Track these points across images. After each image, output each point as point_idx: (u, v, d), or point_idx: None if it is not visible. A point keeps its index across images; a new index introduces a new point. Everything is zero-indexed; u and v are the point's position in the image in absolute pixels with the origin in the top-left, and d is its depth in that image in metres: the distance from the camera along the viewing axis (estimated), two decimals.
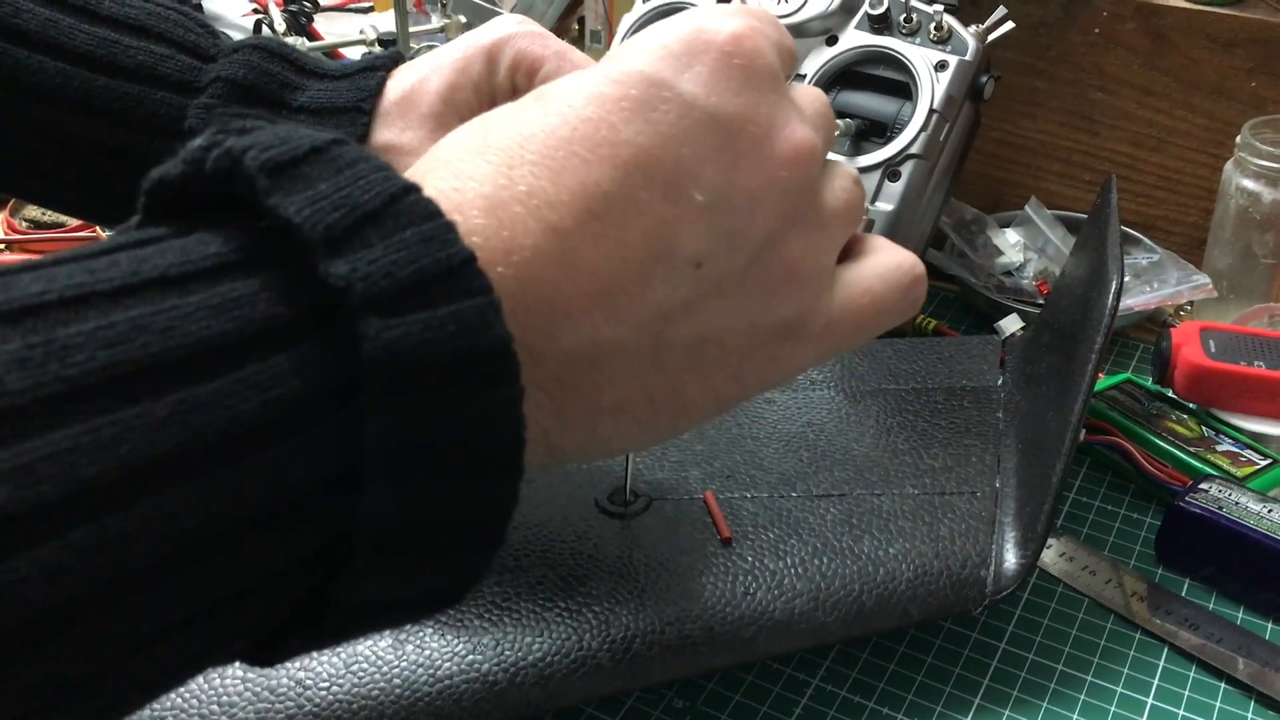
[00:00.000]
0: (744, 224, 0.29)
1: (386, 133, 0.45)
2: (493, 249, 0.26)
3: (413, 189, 0.24)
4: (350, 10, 1.14)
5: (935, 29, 0.68)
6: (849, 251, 0.33)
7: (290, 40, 0.88)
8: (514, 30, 0.47)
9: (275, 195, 0.23)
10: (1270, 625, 0.52)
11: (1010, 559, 0.49)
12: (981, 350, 0.64)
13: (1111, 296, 0.52)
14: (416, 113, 0.45)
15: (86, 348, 0.21)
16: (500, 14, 0.97)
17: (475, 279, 0.24)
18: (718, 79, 0.29)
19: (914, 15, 0.68)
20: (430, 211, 0.24)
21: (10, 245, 0.82)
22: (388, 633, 0.45)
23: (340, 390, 0.23)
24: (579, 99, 0.28)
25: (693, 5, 0.73)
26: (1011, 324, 0.70)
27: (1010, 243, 0.76)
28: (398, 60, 0.48)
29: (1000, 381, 0.62)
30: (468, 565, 0.26)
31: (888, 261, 0.33)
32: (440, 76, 0.46)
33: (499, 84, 0.46)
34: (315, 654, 0.43)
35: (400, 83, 0.46)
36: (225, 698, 0.42)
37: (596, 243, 0.27)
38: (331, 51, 1.01)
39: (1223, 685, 0.49)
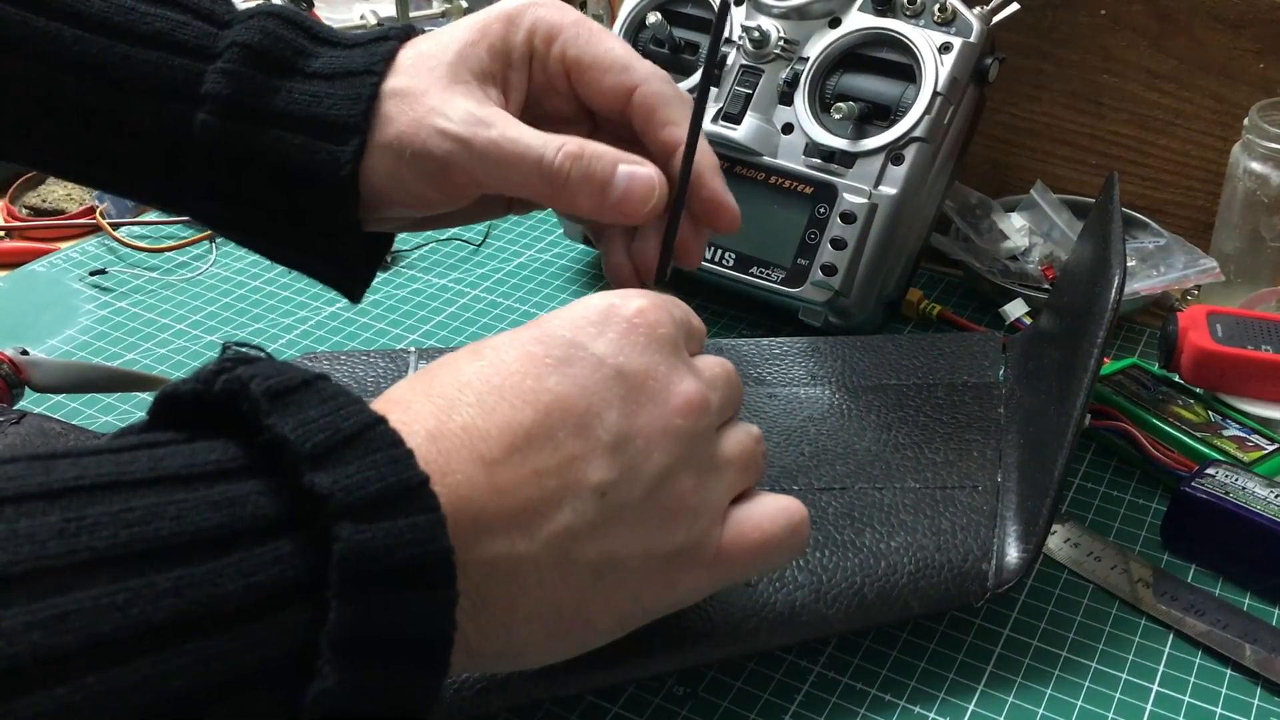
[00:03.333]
0: (642, 460, 0.34)
1: (398, 80, 0.46)
2: (430, 470, 0.30)
3: (382, 420, 0.30)
4: None
5: (939, 11, 0.67)
6: (743, 497, 0.38)
7: None
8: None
9: (273, 416, 0.28)
10: (1277, 611, 0.52)
11: (1012, 553, 0.49)
12: (982, 346, 0.64)
13: (1114, 292, 0.51)
14: (428, 65, 0.46)
15: (111, 526, 0.25)
16: None
17: (429, 498, 0.29)
18: (624, 342, 0.35)
19: None
20: (396, 440, 0.29)
21: (10, 232, 0.81)
22: None
23: (306, 581, 0.27)
24: (509, 355, 0.34)
25: None
26: (1016, 309, 0.70)
27: (1015, 227, 0.75)
28: (410, 31, 0.48)
29: (1001, 377, 0.61)
30: None
31: (776, 504, 0.38)
32: (455, 36, 0.47)
33: (516, 45, 0.47)
34: None
35: (416, 47, 0.47)
36: None
37: (517, 471, 0.32)
38: None
39: (1229, 672, 0.48)
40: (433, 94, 0.45)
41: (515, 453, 0.32)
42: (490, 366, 0.34)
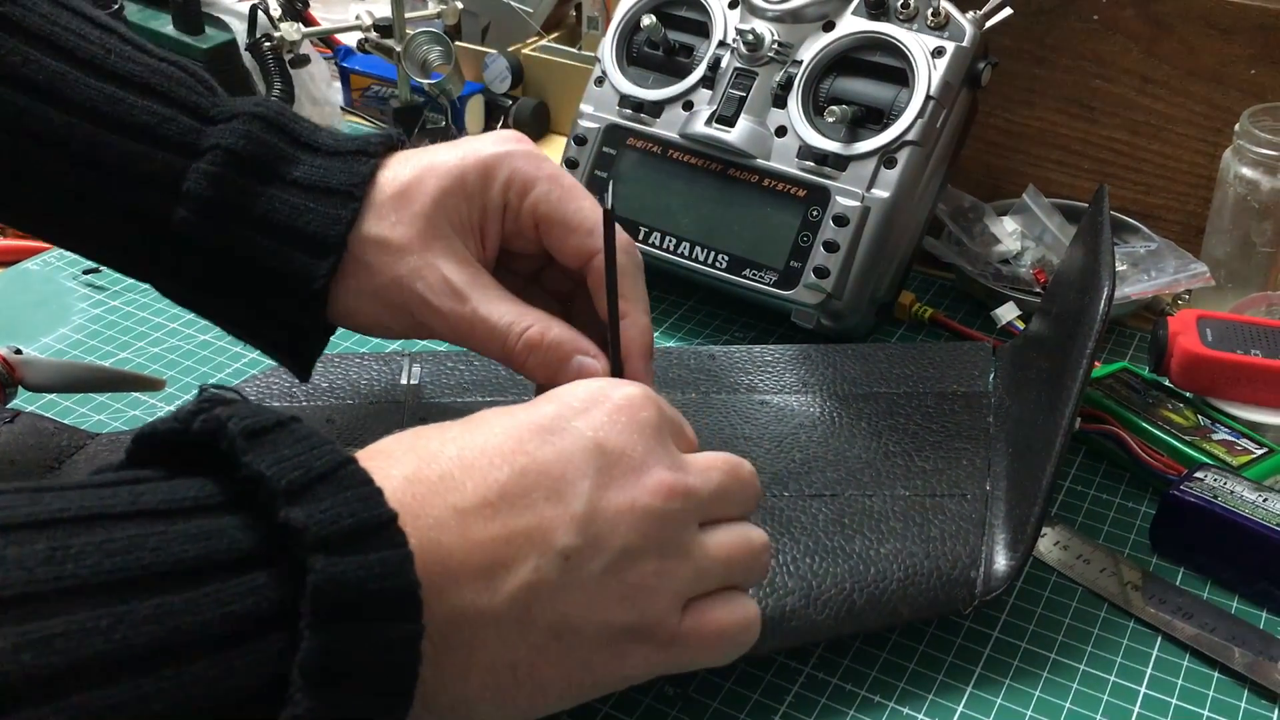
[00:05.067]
0: (608, 532, 0.35)
1: (379, 225, 0.47)
2: (403, 512, 0.31)
3: (352, 460, 0.31)
4: None
5: (932, 15, 0.67)
6: (717, 592, 0.38)
7: (285, 26, 0.87)
8: (512, 148, 0.49)
9: (250, 454, 0.30)
10: (1264, 615, 0.52)
11: (1000, 561, 0.49)
12: (972, 355, 0.64)
13: (1103, 304, 0.52)
14: (409, 210, 0.47)
15: (95, 555, 0.27)
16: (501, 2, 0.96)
17: (397, 535, 0.30)
18: (607, 421, 0.37)
19: (911, 1, 0.68)
20: (366, 479, 0.31)
21: (4, 230, 0.81)
22: None
23: (280, 612, 0.28)
24: (499, 425, 0.36)
25: None
26: (1008, 312, 0.70)
27: (1007, 231, 0.76)
28: (391, 143, 0.50)
29: (991, 386, 0.62)
30: None
31: (738, 602, 0.39)
32: (436, 179, 0.48)
33: (491, 198, 0.48)
34: None
35: (396, 175, 0.48)
36: None
37: (488, 524, 0.33)
38: (328, 37, 1.01)
39: (1216, 674, 0.49)
40: (414, 249, 0.47)
41: (488, 508, 0.34)
42: (476, 429, 0.36)
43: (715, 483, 0.38)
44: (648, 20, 0.72)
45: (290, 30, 0.87)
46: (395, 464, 0.33)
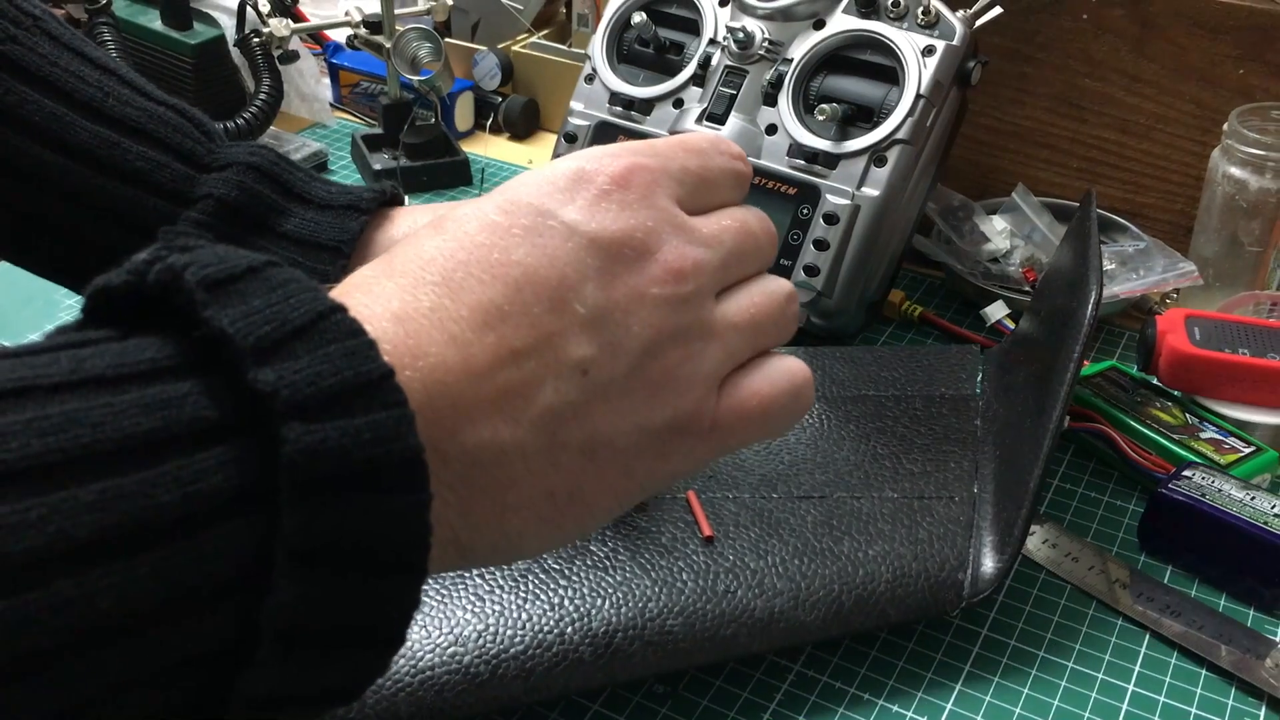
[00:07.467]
0: (622, 335, 0.32)
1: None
2: (400, 354, 0.28)
3: (340, 308, 0.27)
4: None
5: (923, 14, 0.67)
6: (751, 360, 0.36)
7: (274, 21, 0.87)
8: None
9: (211, 308, 0.25)
10: (1251, 612, 0.52)
11: (987, 563, 0.49)
12: (960, 359, 0.64)
13: (1090, 309, 0.52)
14: None
15: (22, 435, 0.23)
16: None
17: (393, 393, 0.26)
18: (596, 208, 0.32)
19: (901, 0, 0.68)
20: (355, 329, 0.26)
21: None
22: None
23: (258, 489, 0.25)
24: (473, 226, 0.31)
25: None
26: (997, 310, 0.70)
27: (997, 229, 0.76)
28: (384, 198, 0.49)
29: (978, 390, 0.62)
30: (367, 663, 0.27)
31: (776, 367, 0.36)
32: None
33: None
34: None
35: (396, 234, 0.47)
36: None
37: (493, 351, 0.30)
38: (317, 33, 1.00)
39: (1204, 672, 0.49)
40: None
41: (489, 332, 0.30)
42: (453, 241, 0.31)
43: (727, 247, 0.35)
44: (638, 18, 0.72)
45: (279, 26, 0.87)
46: (379, 299, 0.29)
